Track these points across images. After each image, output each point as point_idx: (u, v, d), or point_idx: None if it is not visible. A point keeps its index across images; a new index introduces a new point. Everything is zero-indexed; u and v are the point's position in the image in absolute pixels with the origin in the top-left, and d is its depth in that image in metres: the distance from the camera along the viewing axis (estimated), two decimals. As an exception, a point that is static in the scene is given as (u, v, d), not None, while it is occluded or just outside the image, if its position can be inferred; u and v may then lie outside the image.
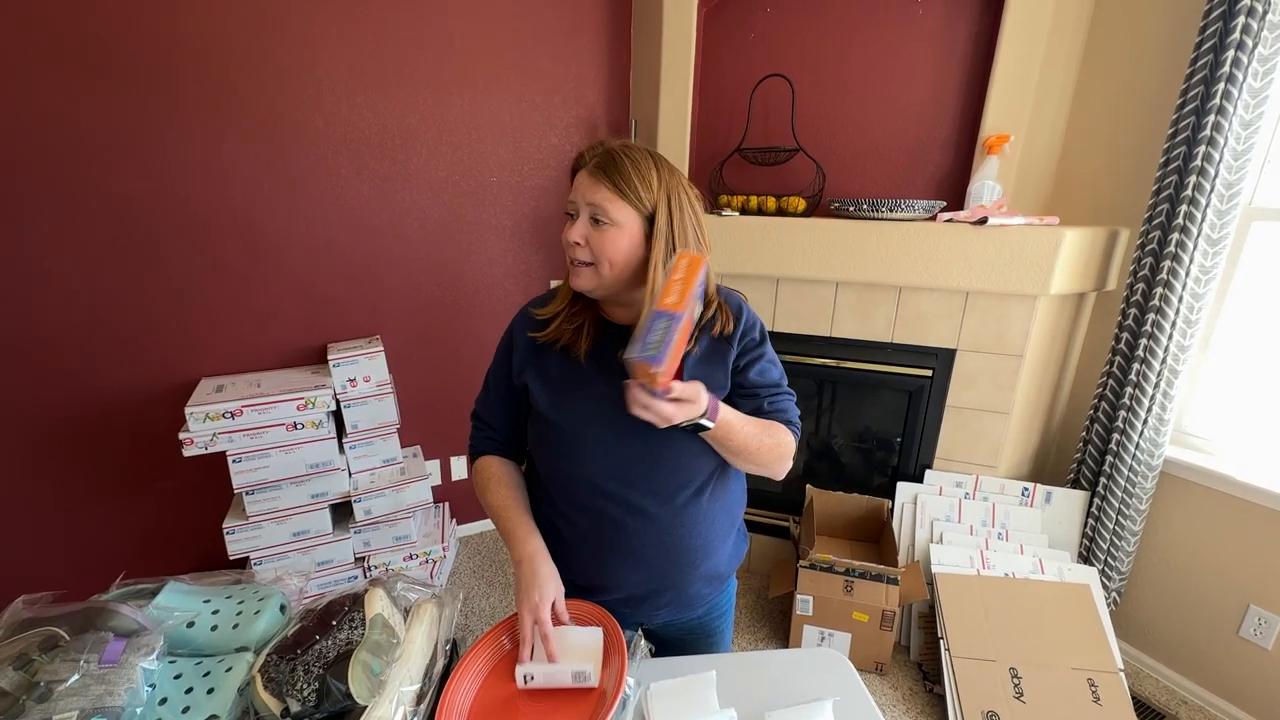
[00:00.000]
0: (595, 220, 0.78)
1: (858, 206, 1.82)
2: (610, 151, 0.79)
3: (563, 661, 0.75)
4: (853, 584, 1.76)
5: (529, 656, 0.76)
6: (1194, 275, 1.57)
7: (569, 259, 0.82)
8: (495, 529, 0.92)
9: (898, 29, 1.88)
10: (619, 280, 0.80)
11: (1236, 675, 1.66)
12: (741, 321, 0.87)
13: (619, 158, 0.78)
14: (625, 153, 0.79)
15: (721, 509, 0.92)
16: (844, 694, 0.82)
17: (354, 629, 0.68)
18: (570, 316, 0.86)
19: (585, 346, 0.85)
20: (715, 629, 1.03)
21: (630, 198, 0.77)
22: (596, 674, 0.75)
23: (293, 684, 0.62)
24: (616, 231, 0.77)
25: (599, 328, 0.87)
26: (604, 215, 0.77)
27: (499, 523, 0.89)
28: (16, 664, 0.57)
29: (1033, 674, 1.60)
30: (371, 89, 1.90)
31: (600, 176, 0.77)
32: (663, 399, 0.69)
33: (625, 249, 0.78)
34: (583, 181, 0.79)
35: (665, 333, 0.63)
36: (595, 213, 0.78)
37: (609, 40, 2.24)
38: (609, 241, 0.77)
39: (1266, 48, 1.41)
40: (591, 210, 0.78)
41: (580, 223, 0.79)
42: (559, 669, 0.74)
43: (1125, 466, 1.73)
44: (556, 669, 0.74)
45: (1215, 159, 1.48)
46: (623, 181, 0.77)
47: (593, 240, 0.78)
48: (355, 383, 1.92)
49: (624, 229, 0.78)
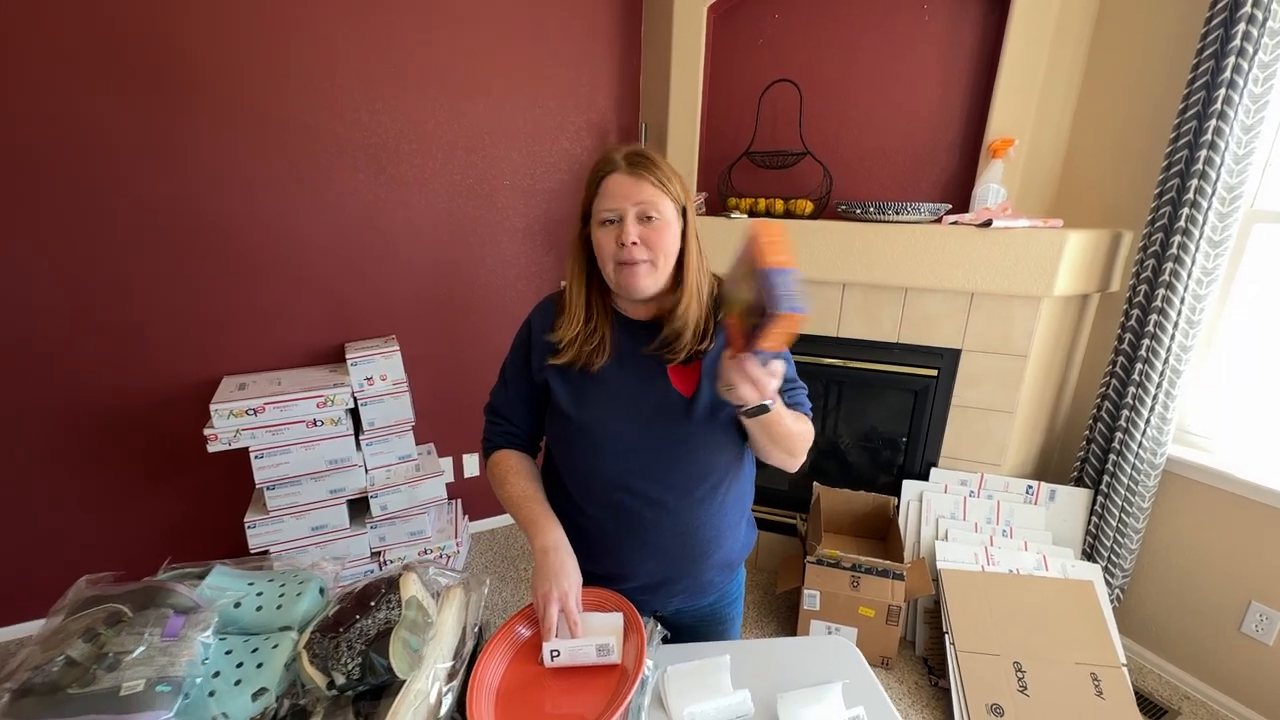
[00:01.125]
0: (646, 218, 0.79)
1: (864, 209, 1.85)
2: (638, 152, 0.82)
3: (588, 637, 0.79)
4: (859, 579, 1.80)
5: (553, 638, 0.80)
6: (1196, 277, 1.60)
7: (621, 262, 0.80)
8: (514, 521, 0.92)
9: (904, 35, 1.92)
10: (668, 276, 0.83)
11: (1238, 671, 1.69)
12: None
13: (650, 155, 0.82)
14: (648, 153, 0.82)
15: (734, 500, 0.96)
16: (852, 678, 0.86)
17: (391, 609, 0.72)
18: (588, 337, 0.86)
19: (607, 356, 0.86)
20: (726, 616, 1.07)
21: (670, 192, 0.81)
22: (619, 649, 0.79)
23: (337, 659, 0.66)
24: (665, 226, 0.80)
25: (616, 329, 0.89)
26: (654, 210, 0.79)
27: (519, 513, 0.91)
28: (85, 637, 0.62)
29: (1036, 668, 1.63)
30: (388, 96, 1.95)
31: (642, 174, 0.79)
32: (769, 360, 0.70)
33: (674, 242, 0.81)
34: (623, 183, 0.80)
35: (795, 284, 0.64)
36: (645, 210, 0.79)
37: (620, 46, 2.28)
38: (662, 235, 0.80)
39: (1267, 54, 1.44)
40: (641, 209, 0.79)
41: (631, 223, 0.79)
42: (583, 644, 0.78)
43: (1128, 465, 1.76)
44: (581, 644, 0.78)
45: (1217, 163, 1.51)
46: (663, 176, 0.80)
47: (647, 238, 0.79)
48: (372, 381, 1.96)
49: (670, 223, 0.81)
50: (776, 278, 0.64)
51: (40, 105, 1.57)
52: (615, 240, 0.80)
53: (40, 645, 0.62)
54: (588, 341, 0.86)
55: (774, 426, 0.80)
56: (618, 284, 0.83)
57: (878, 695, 0.85)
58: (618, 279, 0.82)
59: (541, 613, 0.81)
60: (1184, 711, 1.72)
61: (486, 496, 2.55)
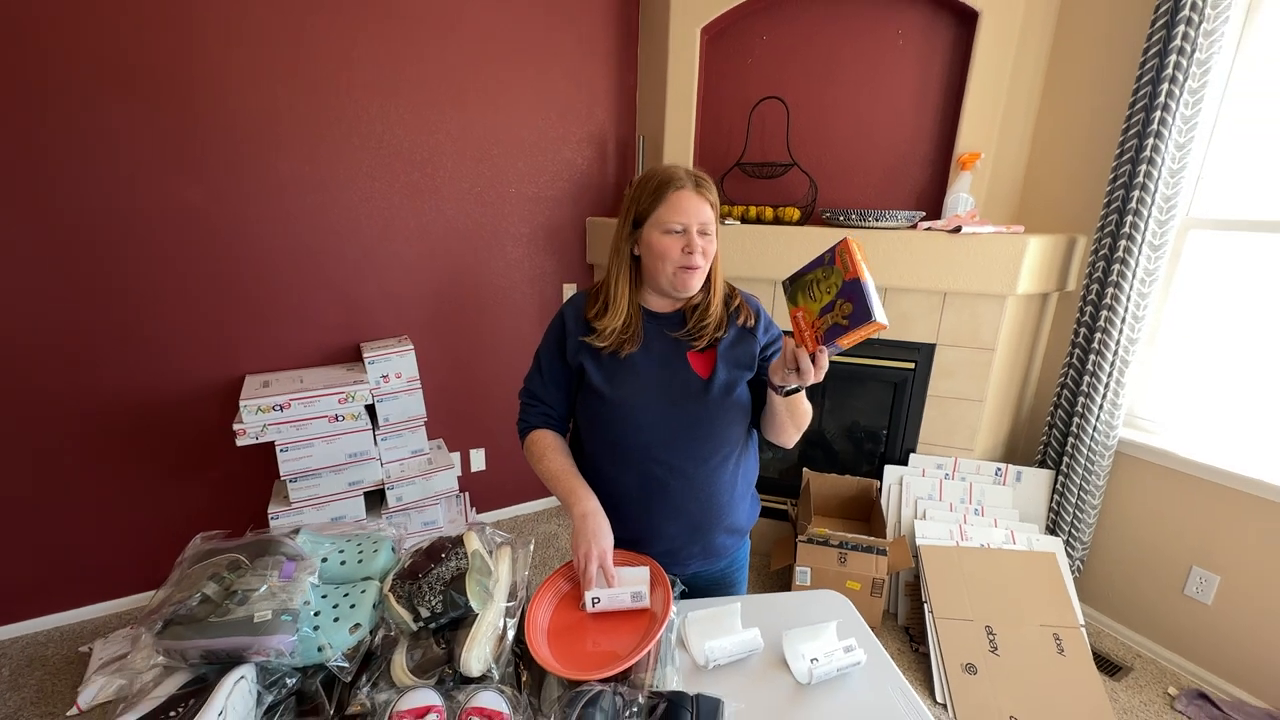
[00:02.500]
0: (703, 233, 0.96)
1: (847, 216, 2.02)
2: (697, 175, 0.98)
3: (624, 586, 0.93)
4: (846, 555, 1.96)
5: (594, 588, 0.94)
6: (1139, 277, 1.80)
7: (684, 266, 0.96)
8: (551, 493, 1.06)
9: (880, 57, 2.10)
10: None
11: (1182, 629, 1.88)
12: (762, 317, 1.07)
13: (705, 179, 0.98)
14: (705, 174, 0.99)
15: (742, 473, 1.11)
16: (843, 619, 1.01)
17: (460, 560, 0.85)
18: (625, 328, 1.01)
19: (638, 344, 1.02)
20: (734, 579, 1.22)
21: (718, 211, 0.99)
22: (649, 597, 0.93)
23: (421, 597, 0.79)
24: (713, 239, 0.98)
25: (644, 320, 1.04)
26: (710, 228, 0.97)
27: (558, 485, 1.04)
28: (214, 579, 0.74)
29: (1006, 631, 1.80)
30: (403, 108, 2.07)
31: (705, 195, 0.96)
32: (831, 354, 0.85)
33: (715, 252, 1.00)
34: (691, 202, 0.95)
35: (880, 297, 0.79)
36: (705, 226, 0.96)
37: (618, 64, 2.43)
38: (712, 247, 0.98)
39: (1195, 82, 1.64)
40: (702, 225, 0.96)
41: (695, 235, 0.95)
42: (619, 592, 0.92)
43: (1085, 447, 1.95)
44: (617, 592, 0.92)
45: (1155, 175, 1.71)
46: (715, 199, 0.98)
47: (705, 249, 0.97)
48: (388, 379, 2.07)
49: (715, 238, 0.99)
50: (869, 289, 0.79)
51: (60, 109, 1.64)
52: (680, 248, 0.96)
53: (175, 588, 0.74)
54: (624, 331, 1.00)
55: (799, 403, 0.98)
56: (673, 283, 0.98)
57: (864, 632, 1.00)
58: (674, 279, 0.98)
59: (582, 568, 0.94)
60: (1135, 668, 1.91)
61: (493, 489, 2.67)
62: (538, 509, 2.81)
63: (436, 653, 0.77)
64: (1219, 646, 1.80)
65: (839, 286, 0.82)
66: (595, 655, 0.85)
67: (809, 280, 0.88)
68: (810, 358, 0.84)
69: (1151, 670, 1.90)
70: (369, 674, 0.76)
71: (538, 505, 2.81)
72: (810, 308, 0.87)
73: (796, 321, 0.89)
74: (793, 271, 0.91)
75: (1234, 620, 1.77)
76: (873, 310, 0.77)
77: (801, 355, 0.85)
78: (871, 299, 0.78)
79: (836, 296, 0.82)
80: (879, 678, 0.90)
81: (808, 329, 0.86)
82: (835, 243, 0.85)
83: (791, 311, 0.90)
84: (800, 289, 0.90)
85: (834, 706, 0.85)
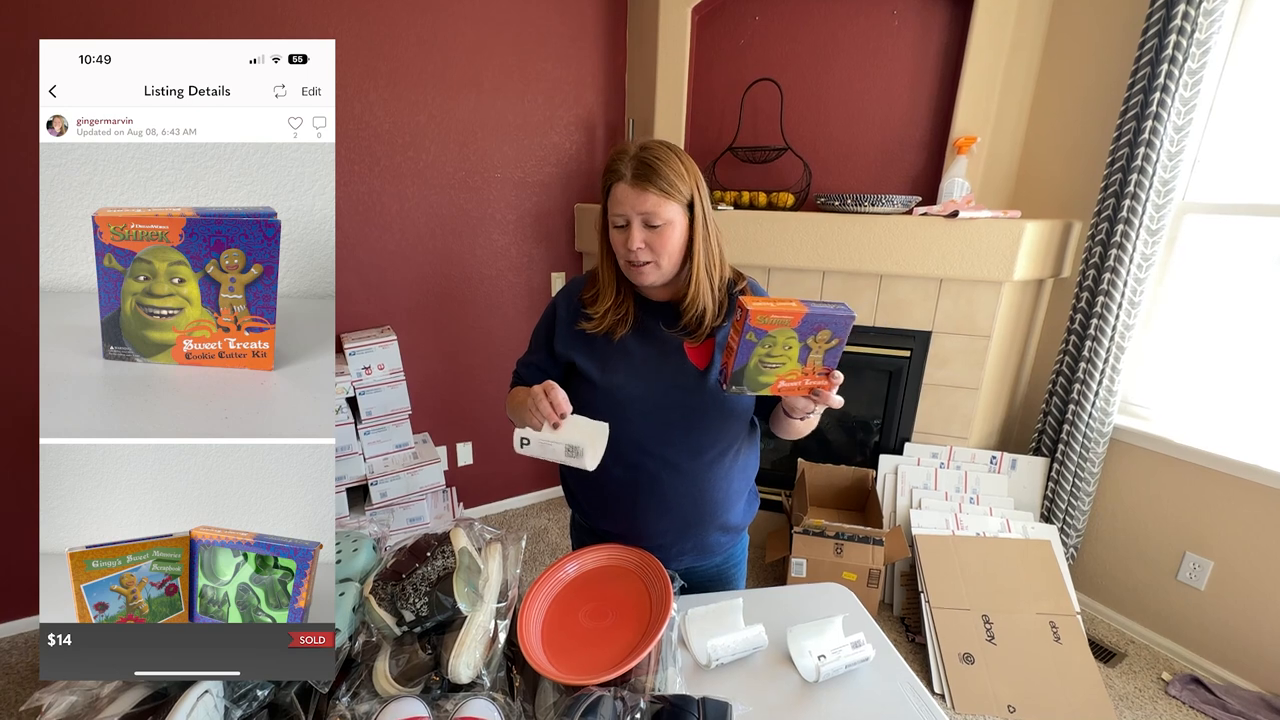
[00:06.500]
0: (648, 225, 0.87)
1: (842, 201, 1.98)
2: (641, 160, 0.85)
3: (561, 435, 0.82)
4: (842, 546, 1.93)
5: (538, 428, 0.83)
6: (1136, 262, 1.78)
7: (627, 262, 0.90)
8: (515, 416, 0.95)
9: (876, 40, 2.05)
10: (675, 267, 0.92)
11: (1176, 615, 1.89)
12: None
13: (653, 162, 0.86)
14: (656, 155, 0.87)
15: (740, 470, 1.06)
16: (849, 613, 0.98)
17: (447, 559, 0.79)
18: (616, 308, 0.96)
19: (628, 327, 0.96)
20: (731, 576, 1.18)
21: (674, 196, 0.86)
22: (591, 458, 0.84)
23: (405, 600, 0.73)
24: (669, 229, 0.87)
25: (638, 308, 0.98)
26: (656, 219, 0.86)
27: (515, 399, 0.95)
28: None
29: (1002, 619, 1.79)
30: (383, 88, 1.99)
31: (643, 185, 0.84)
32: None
33: (678, 240, 0.89)
34: (627, 194, 0.86)
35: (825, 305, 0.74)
36: (649, 219, 0.86)
37: (606, 45, 2.36)
38: (665, 240, 0.87)
39: (1195, 62, 1.62)
40: (644, 218, 0.86)
41: (635, 230, 0.86)
42: (553, 439, 0.82)
43: (1080, 434, 1.94)
44: (551, 438, 0.82)
45: (1153, 159, 1.69)
46: (664, 184, 0.85)
47: (651, 242, 0.87)
48: (370, 370, 2.00)
49: (674, 224, 0.87)
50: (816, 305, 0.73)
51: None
52: (624, 244, 0.88)
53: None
54: (616, 312, 0.96)
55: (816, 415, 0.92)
56: (629, 277, 0.93)
57: (872, 627, 0.96)
58: (628, 274, 0.93)
59: (533, 405, 0.84)
60: (1129, 654, 1.91)
61: (482, 483, 2.61)
62: (529, 503, 2.75)
63: (422, 659, 0.72)
64: (1211, 631, 1.81)
65: (793, 335, 0.74)
66: (593, 657, 0.80)
67: (754, 367, 0.77)
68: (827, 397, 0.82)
69: (1145, 656, 1.90)
70: (349, 683, 0.71)
71: (529, 499, 2.75)
72: (783, 372, 0.78)
73: (787, 390, 0.81)
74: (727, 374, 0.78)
75: (1226, 605, 1.77)
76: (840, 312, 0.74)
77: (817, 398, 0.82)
78: (828, 308, 0.73)
79: (801, 340, 0.75)
80: (889, 674, 0.87)
81: (801, 380, 0.80)
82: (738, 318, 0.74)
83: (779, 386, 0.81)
84: (752, 377, 0.78)
85: (844, 705, 0.81)
